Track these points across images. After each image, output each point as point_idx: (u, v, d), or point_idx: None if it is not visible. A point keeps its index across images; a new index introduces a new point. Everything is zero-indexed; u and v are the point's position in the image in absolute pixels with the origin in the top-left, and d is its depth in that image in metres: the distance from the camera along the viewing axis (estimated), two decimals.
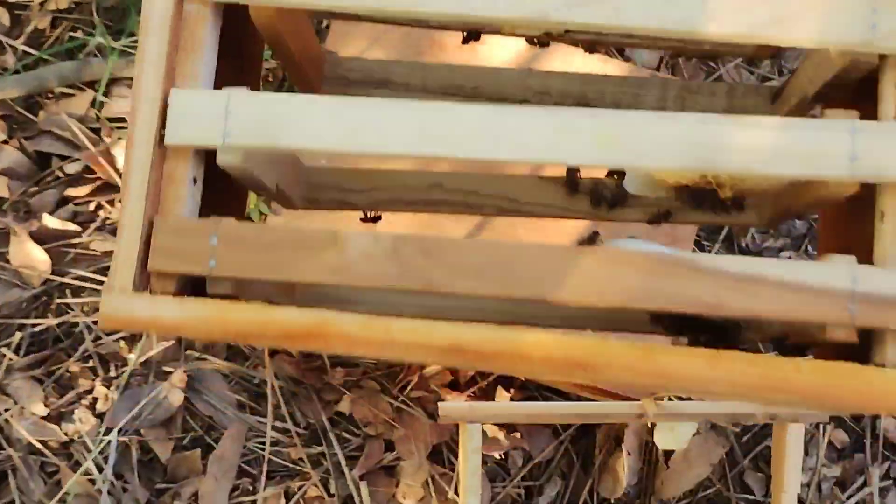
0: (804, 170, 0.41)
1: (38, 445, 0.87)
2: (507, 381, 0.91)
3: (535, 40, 0.59)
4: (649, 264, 0.41)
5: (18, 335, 0.91)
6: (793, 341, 0.47)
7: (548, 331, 0.40)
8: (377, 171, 0.61)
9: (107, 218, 0.97)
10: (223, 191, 0.45)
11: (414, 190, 0.62)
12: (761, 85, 0.64)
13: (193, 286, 0.42)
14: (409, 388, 0.92)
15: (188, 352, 0.92)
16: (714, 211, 0.50)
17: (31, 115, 0.98)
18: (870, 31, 0.42)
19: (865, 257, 0.40)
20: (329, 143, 0.42)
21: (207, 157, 0.42)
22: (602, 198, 0.59)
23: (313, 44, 0.53)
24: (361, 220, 0.60)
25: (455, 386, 0.91)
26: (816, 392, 0.38)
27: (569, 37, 0.55)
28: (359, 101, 0.42)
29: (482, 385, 0.92)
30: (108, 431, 0.88)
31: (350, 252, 0.41)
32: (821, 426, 0.94)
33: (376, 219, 0.60)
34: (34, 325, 0.92)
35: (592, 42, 0.59)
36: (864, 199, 0.42)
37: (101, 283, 0.92)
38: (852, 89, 0.46)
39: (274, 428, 0.90)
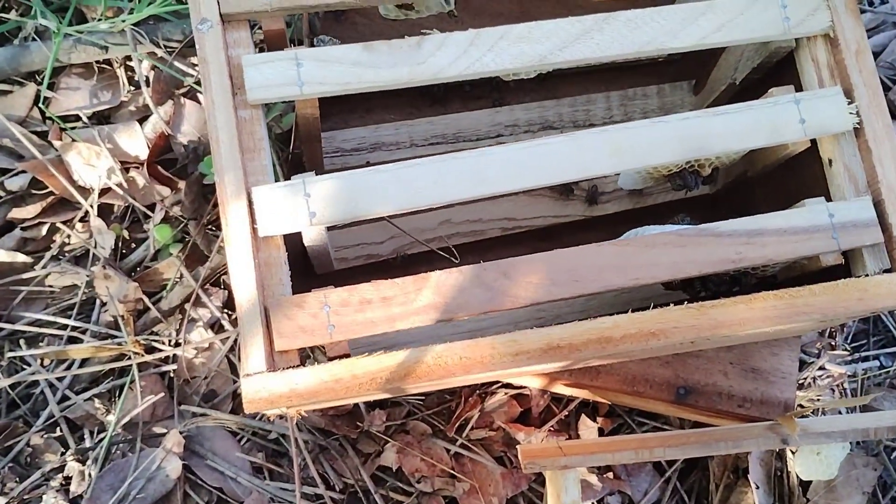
0: (770, 139, 0.49)
1: None
2: (591, 409, 0.73)
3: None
4: (680, 240, 0.47)
5: None
6: (783, 277, 0.54)
7: (621, 315, 0.46)
8: (393, 220, 0.64)
9: (65, 243, 0.73)
10: None
11: (427, 229, 0.66)
12: (682, 82, 0.72)
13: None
14: (468, 427, 0.70)
15: (183, 406, 0.70)
16: (696, 187, 0.56)
17: None
18: (784, 23, 0.49)
19: None
20: (399, 204, 0.46)
21: None
22: (584, 198, 0.65)
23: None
24: (392, 259, 0.63)
25: (525, 420, 0.71)
26: (831, 307, 0.46)
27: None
28: (413, 163, 0.47)
29: (562, 416, 0.71)
30: None
31: (441, 289, 0.44)
32: None
33: (405, 258, 0.62)
34: None
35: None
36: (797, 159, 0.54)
37: (64, 326, 0.70)
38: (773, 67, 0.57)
39: (304, 496, 0.68)
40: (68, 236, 0.72)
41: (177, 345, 0.69)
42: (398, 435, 0.70)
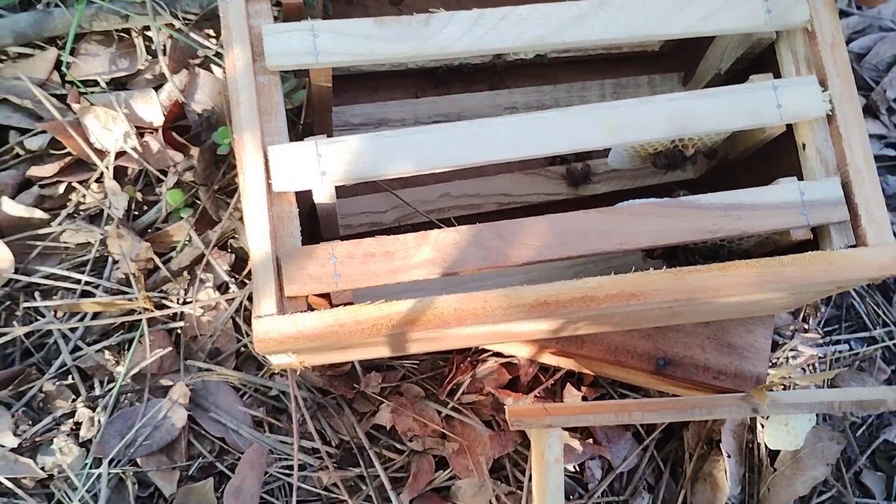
0: (749, 121, 0.53)
1: (9, 484, 0.68)
2: (576, 378, 0.77)
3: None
4: (663, 210, 0.50)
5: None
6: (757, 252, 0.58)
7: (604, 276, 0.50)
8: (396, 191, 0.67)
9: (80, 202, 0.76)
10: None
11: (428, 202, 0.70)
12: (672, 74, 0.76)
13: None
14: (459, 391, 0.74)
15: (189, 361, 0.73)
16: (678, 166, 0.60)
17: None
18: (766, 14, 0.53)
19: None
20: (404, 167, 0.49)
21: None
22: (576, 177, 0.69)
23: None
24: (395, 228, 0.67)
25: (514, 386, 0.75)
26: (799, 276, 0.50)
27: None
28: (418, 130, 0.50)
29: (547, 384, 0.75)
30: (96, 463, 0.69)
31: (440, 246, 0.48)
32: None
33: (408, 226, 0.66)
34: None
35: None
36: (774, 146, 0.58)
37: (78, 281, 0.73)
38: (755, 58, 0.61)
39: (301, 449, 0.71)
40: (84, 196, 0.75)
41: (185, 303, 0.73)
42: (392, 396, 0.73)
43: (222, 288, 0.74)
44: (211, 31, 0.79)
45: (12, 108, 0.76)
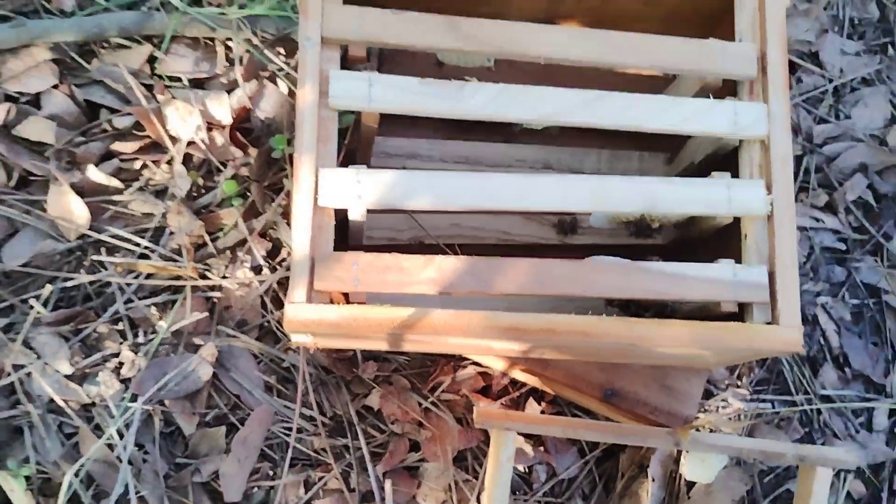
0: (703, 209, 0.64)
1: (61, 403, 0.78)
2: (539, 395, 0.86)
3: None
4: (622, 269, 0.61)
5: (48, 288, 0.80)
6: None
7: (567, 314, 0.60)
8: (415, 216, 0.80)
9: (150, 179, 0.86)
10: None
11: (440, 228, 0.80)
12: (660, 154, 0.87)
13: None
14: (439, 389, 0.84)
15: (219, 327, 0.83)
16: (645, 235, 0.71)
17: (83, 62, 0.87)
18: (734, 125, 0.64)
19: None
20: (424, 202, 0.60)
21: None
22: (565, 227, 0.79)
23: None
24: (408, 246, 0.77)
25: (486, 392, 0.85)
26: (722, 340, 0.62)
27: None
28: (441, 174, 0.61)
29: (514, 395, 0.85)
30: (132, 398, 0.79)
31: (442, 269, 0.58)
32: (841, 475, 0.89)
33: (420, 244, 0.77)
34: (65, 280, 0.82)
35: None
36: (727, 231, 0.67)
37: (138, 244, 0.84)
38: (723, 156, 0.71)
39: (301, 415, 0.81)
40: (154, 173, 0.85)
41: (224, 278, 0.82)
42: (383, 384, 0.83)
43: (257, 270, 0.84)
44: (282, 51, 0.89)
45: (107, 89, 0.86)
